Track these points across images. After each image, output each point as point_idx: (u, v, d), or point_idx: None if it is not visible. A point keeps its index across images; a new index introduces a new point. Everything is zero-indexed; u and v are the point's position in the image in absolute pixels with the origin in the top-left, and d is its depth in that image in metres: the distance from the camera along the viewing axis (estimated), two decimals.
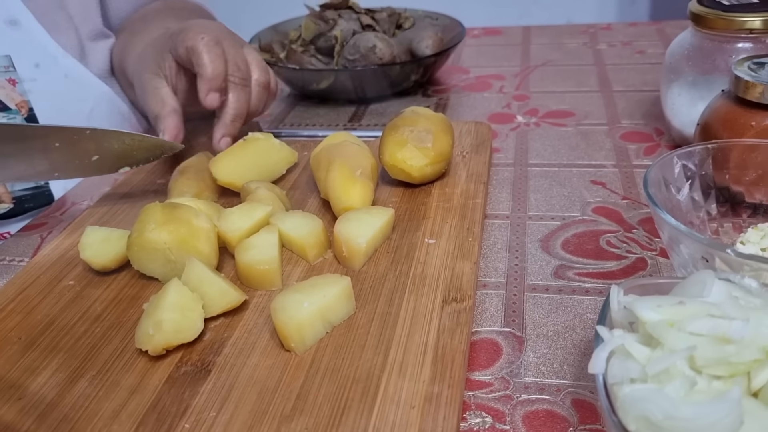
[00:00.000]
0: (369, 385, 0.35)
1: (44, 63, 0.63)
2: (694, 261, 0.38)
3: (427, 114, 0.55)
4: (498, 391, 0.38)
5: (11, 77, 0.61)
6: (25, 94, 0.63)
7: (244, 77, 0.57)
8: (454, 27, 0.83)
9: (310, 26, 0.80)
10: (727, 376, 0.29)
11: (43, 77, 0.63)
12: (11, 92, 0.62)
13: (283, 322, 0.38)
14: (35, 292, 0.46)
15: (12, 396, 0.38)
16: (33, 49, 0.63)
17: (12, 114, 0.62)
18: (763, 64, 0.50)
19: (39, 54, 0.63)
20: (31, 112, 0.63)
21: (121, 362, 0.39)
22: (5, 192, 0.63)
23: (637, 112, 0.70)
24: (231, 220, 0.47)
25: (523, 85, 0.80)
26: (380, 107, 0.77)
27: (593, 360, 0.30)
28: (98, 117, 0.68)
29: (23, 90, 0.62)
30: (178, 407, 0.36)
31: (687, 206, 0.45)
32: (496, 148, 0.65)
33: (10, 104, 0.62)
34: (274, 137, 0.57)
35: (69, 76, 0.66)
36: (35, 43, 0.63)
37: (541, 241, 0.51)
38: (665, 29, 0.95)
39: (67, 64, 0.65)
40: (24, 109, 0.62)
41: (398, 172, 0.53)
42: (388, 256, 0.46)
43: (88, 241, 0.48)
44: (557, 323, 0.42)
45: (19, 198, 0.64)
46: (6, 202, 0.64)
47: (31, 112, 0.63)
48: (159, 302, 0.40)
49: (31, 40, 0.63)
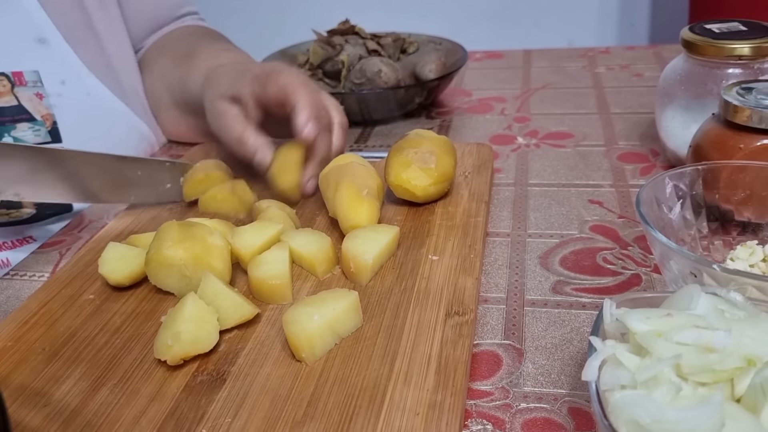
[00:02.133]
0: (376, 394, 0.37)
1: (69, 80, 0.68)
2: (684, 276, 0.40)
3: (430, 136, 0.57)
4: (498, 400, 0.40)
5: (39, 91, 0.66)
6: (50, 107, 0.67)
7: (328, 121, 0.59)
8: (456, 51, 0.86)
9: (318, 51, 0.83)
10: (711, 383, 0.31)
11: (68, 93, 0.67)
12: (38, 105, 0.66)
13: (294, 333, 0.40)
14: (57, 306, 0.49)
15: (38, 403, 0.40)
16: (60, 66, 0.67)
17: (37, 125, 0.66)
18: (750, 89, 0.52)
19: (65, 71, 0.67)
20: (54, 125, 0.67)
21: (140, 372, 0.42)
22: None
23: (633, 133, 0.73)
24: (244, 237, 0.50)
25: (524, 108, 0.83)
26: (385, 129, 0.80)
27: (586, 368, 0.32)
28: (116, 134, 0.72)
29: (49, 104, 0.67)
30: (195, 414, 0.38)
31: (679, 224, 0.48)
32: (498, 168, 0.68)
33: (37, 116, 0.66)
34: None
35: (91, 94, 0.70)
36: (62, 61, 0.67)
37: (541, 257, 0.53)
38: (662, 53, 0.97)
39: (90, 83, 0.69)
40: (48, 122, 0.67)
41: (403, 191, 0.55)
42: (394, 271, 0.48)
43: (108, 256, 0.50)
44: (555, 336, 0.44)
45: (40, 204, 0.68)
46: (29, 208, 0.68)
47: (54, 125, 0.67)
48: (177, 315, 0.42)
49: (58, 58, 0.67)
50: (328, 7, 1.67)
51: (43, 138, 0.66)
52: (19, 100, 0.64)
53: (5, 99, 0.64)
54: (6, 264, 0.68)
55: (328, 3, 2.16)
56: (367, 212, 0.52)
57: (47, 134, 0.67)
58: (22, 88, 0.65)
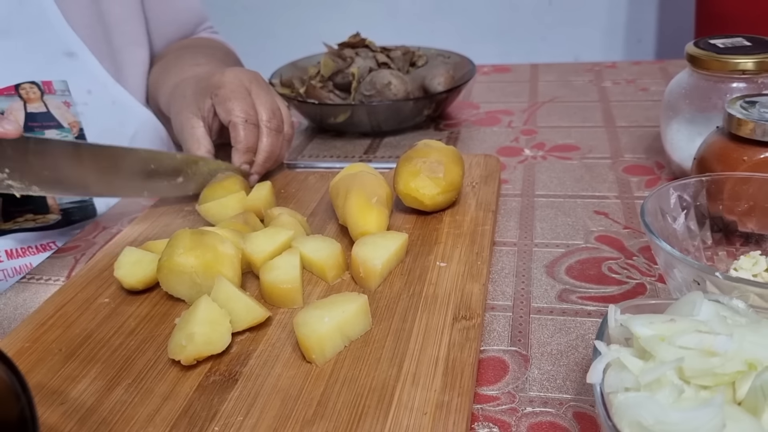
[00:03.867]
0: (384, 394, 0.38)
1: (95, 90, 0.71)
2: (687, 284, 0.41)
3: (438, 146, 0.58)
4: (504, 404, 0.41)
5: (66, 100, 0.69)
6: (77, 115, 0.69)
7: (278, 124, 0.65)
8: (465, 65, 0.87)
9: (329, 63, 0.84)
10: (713, 386, 0.31)
11: (94, 102, 0.70)
12: (66, 113, 0.69)
13: (305, 335, 0.41)
14: (73, 309, 0.50)
15: (55, 401, 0.41)
16: (86, 77, 0.70)
17: (64, 132, 0.69)
18: (754, 103, 0.53)
19: (91, 82, 0.70)
20: (81, 132, 0.70)
21: (154, 372, 0.43)
22: (54, 204, 0.70)
23: (639, 146, 0.74)
24: (256, 243, 0.51)
25: (531, 120, 0.84)
26: (394, 140, 0.81)
27: (591, 371, 0.33)
28: (140, 140, 0.75)
29: (76, 112, 0.69)
30: (208, 412, 0.39)
31: (683, 234, 0.48)
32: (505, 179, 0.69)
33: (64, 123, 0.69)
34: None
35: (116, 102, 0.73)
36: (88, 72, 0.70)
37: (547, 266, 0.54)
38: (668, 68, 0.99)
39: (115, 92, 0.73)
40: (75, 129, 0.69)
41: (411, 200, 0.57)
42: (402, 277, 0.49)
43: (124, 260, 0.51)
44: (561, 343, 0.45)
45: (65, 210, 0.70)
46: (55, 214, 0.70)
47: (81, 132, 0.70)
48: (191, 316, 0.43)
49: (85, 69, 0.70)
50: (338, 22, 1.70)
51: None
52: (47, 107, 0.67)
53: (35, 105, 0.67)
54: (28, 268, 0.70)
55: (338, 17, 2.20)
56: (376, 220, 0.53)
57: (74, 140, 0.69)
58: (51, 96, 0.68)
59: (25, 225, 0.69)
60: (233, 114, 0.62)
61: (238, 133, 0.62)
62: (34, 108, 0.67)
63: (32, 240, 0.70)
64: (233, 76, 0.65)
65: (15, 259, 0.69)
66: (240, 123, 0.62)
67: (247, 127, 0.63)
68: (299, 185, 0.67)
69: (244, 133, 0.62)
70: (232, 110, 0.62)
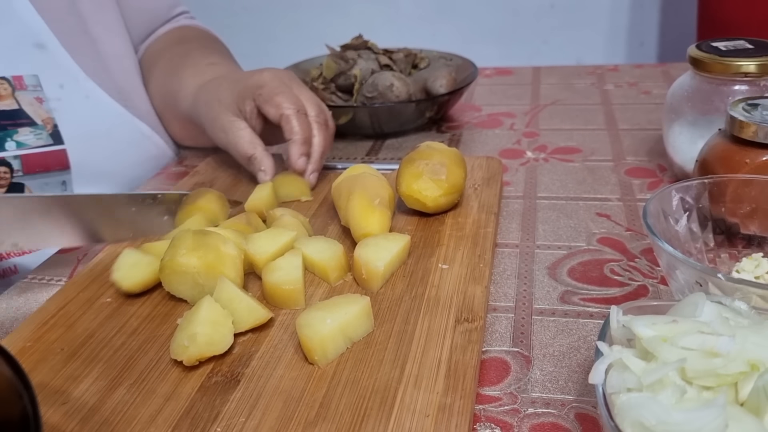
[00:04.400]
0: (387, 396, 0.38)
1: (68, 84, 0.69)
2: (690, 286, 0.41)
3: (441, 148, 0.59)
4: (506, 405, 0.41)
5: (38, 96, 0.67)
6: (50, 111, 0.68)
7: (326, 118, 0.65)
8: (467, 67, 0.87)
9: (331, 65, 0.85)
10: (715, 386, 0.31)
11: (67, 97, 0.69)
12: (38, 109, 0.67)
13: (307, 336, 0.41)
14: (75, 308, 0.50)
15: (57, 400, 0.41)
16: (58, 70, 0.68)
17: (38, 129, 0.67)
18: (756, 105, 0.53)
19: (63, 75, 0.69)
20: (55, 129, 0.68)
21: (156, 372, 0.43)
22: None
23: (641, 149, 0.74)
24: (258, 243, 0.51)
25: (533, 123, 0.84)
26: (396, 142, 0.81)
27: (593, 371, 0.33)
28: (116, 135, 0.73)
29: (49, 107, 0.68)
30: (210, 413, 0.39)
31: (685, 237, 0.48)
32: (507, 181, 0.69)
33: (37, 120, 0.67)
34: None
35: (90, 97, 0.71)
36: (60, 65, 0.68)
37: (549, 268, 0.54)
38: (670, 71, 0.99)
39: (88, 87, 0.71)
40: (49, 125, 0.67)
41: (414, 201, 0.57)
42: (404, 279, 0.49)
43: (122, 263, 0.51)
44: (563, 344, 0.45)
45: None
46: None
47: (55, 128, 0.68)
48: (193, 317, 0.43)
49: (56, 62, 0.68)
50: (340, 24, 1.70)
51: (45, 141, 0.67)
52: (19, 104, 0.66)
53: (6, 102, 0.65)
54: (14, 271, 0.69)
55: (340, 20, 2.20)
56: (378, 221, 0.53)
57: (49, 137, 0.67)
58: (23, 92, 0.66)
59: None
60: (283, 107, 0.62)
61: (293, 124, 0.62)
62: (5, 105, 0.65)
63: None
64: (273, 75, 0.65)
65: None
66: (293, 114, 0.62)
67: (300, 117, 0.62)
68: None
69: (298, 123, 0.62)
70: (281, 104, 0.62)
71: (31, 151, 0.66)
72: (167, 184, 0.75)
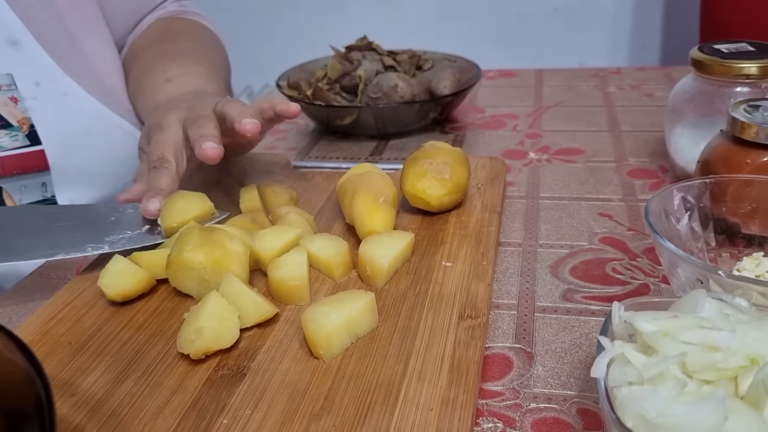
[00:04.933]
0: (391, 390, 0.39)
1: (44, 82, 0.66)
2: (691, 283, 0.41)
3: (445, 148, 0.59)
4: (509, 400, 0.41)
5: (13, 95, 0.64)
6: (26, 111, 0.65)
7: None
8: (470, 69, 0.88)
9: (336, 66, 0.85)
10: (716, 380, 0.32)
11: (44, 95, 0.66)
12: (13, 109, 0.64)
13: (312, 331, 0.42)
14: (82, 303, 0.50)
15: (65, 392, 0.41)
16: (33, 68, 0.66)
17: (14, 131, 0.64)
18: (758, 107, 0.54)
19: (39, 73, 0.66)
20: (32, 129, 0.65)
21: (163, 365, 0.43)
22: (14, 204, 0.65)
23: (643, 150, 0.74)
24: (264, 240, 0.51)
25: (536, 124, 0.85)
26: (400, 143, 0.82)
27: (595, 365, 0.34)
28: (96, 133, 0.71)
29: (24, 107, 0.65)
30: (216, 405, 0.39)
31: (687, 236, 0.49)
32: (510, 182, 0.69)
33: (12, 121, 0.64)
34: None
35: (68, 94, 0.68)
36: (35, 62, 0.66)
37: (551, 267, 0.54)
38: (672, 74, 0.99)
39: (66, 84, 0.68)
40: (25, 126, 0.65)
41: (418, 200, 0.57)
42: (408, 276, 0.50)
43: (110, 269, 0.50)
44: (565, 341, 0.46)
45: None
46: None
47: (32, 128, 0.65)
48: (200, 311, 0.44)
49: (31, 59, 0.66)
50: (344, 25, 1.71)
51: (21, 142, 0.65)
52: None
53: None
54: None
55: (345, 22, 2.20)
56: (383, 219, 0.53)
57: (25, 138, 0.65)
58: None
59: None
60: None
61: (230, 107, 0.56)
62: None
63: None
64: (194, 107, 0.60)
65: None
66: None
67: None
68: (306, 185, 0.67)
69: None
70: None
71: (6, 153, 0.64)
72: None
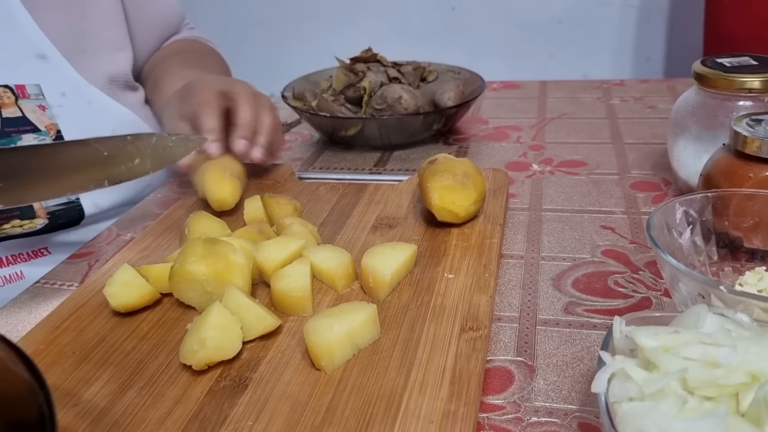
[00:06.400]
0: (392, 402, 0.39)
1: (69, 92, 0.71)
2: (692, 298, 0.41)
3: (458, 160, 0.59)
4: (510, 414, 0.41)
5: (41, 104, 0.69)
6: (53, 117, 0.69)
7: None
8: (474, 80, 0.89)
9: (341, 77, 0.86)
10: (716, 396, 0.32)
11: (69, 104, 0.70)
12: (41, 116, 0.69)
13: (314, 342, 0.42)
14: (87, 313, 0.51)
15: (68, 402, 0.42)
16: (59, 80, 0.70)
17: (42, 135, 0.68)
18: (760, 121, 0.54)
19: (65, 84, 0.70)
20: (59, 134, 0.69)
21: (166, 376, 0.43)
22: (40, 208, 0.69)
23: (646, 163, 0.75)
24: (268, 251, 0.52)
25: (539, 136, 0.85)
26: (404, 154, 0.82)
27: (596, 381, 0.34)
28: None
29: (51, 114, 0.69)
30: (218, 416, 0.39)
31: (689, 249, 0.49)
32: (513, 193, 0.70)
33: (41, 126, 0.68)
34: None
35: (92, 103, 0.73)
36: (61, 75, 0.70)
37: (553, 279, 0.54)
38: (675, 86, 0.99)
39: (90, 93, 0.73)
40: (53, 131, 0.69)
41: (446, 213, 0.57)
42: (411, 288, 0.50)
43: (116, 279, 0.51)
44: (566, 354, 0.46)
45: (52, 213, 0.70)
46: (42, 218, 0.70)
47: (59, 133, 0.69)
48: (203, 322, 0.44)
49: (57, 72, 0.70)
50: (350, 37, 1.72)
51: None
52: (23, 111, 0.67)
53: (10, 110, 0.67)
54: (20, 276, 0.70)
55: (350, 32, 2.22)
56: (230, 189, 0.62)
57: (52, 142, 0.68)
58: (25, 100, 0.68)
59: (12, 232, 0.68)
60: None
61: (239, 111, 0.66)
62: (9, 113, 0.67)
63: (22, 247, 0.70)
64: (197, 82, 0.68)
65: (6, 267, 0.69)
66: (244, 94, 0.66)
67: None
68: (310, 196, 0.68)
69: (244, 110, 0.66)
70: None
71: None
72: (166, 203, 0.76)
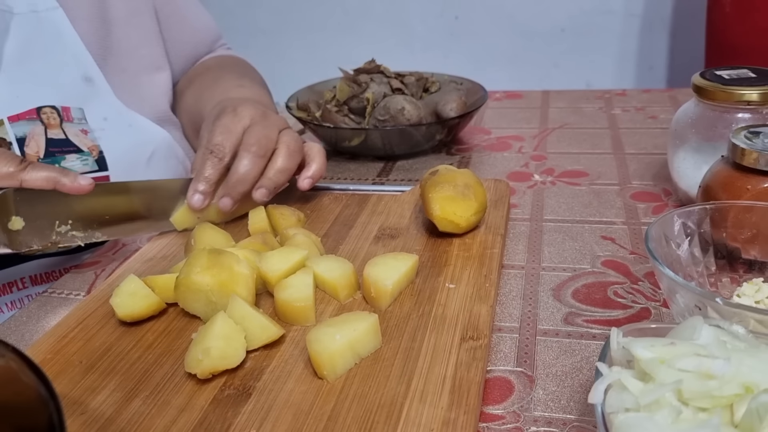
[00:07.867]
0: (393, 410, 0.40)
1: (111, 116, 0.72)
2: (689, 309, 0.42)
3: (459, 171, 0.60)
4: (510, 423, 0.42)
5: (83, 128, 0.70)
6: (95, 140, 0.71)
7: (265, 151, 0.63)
8: (477, 91, 0.89)
9: (344, 88, 0.87)
10: (711, 408, 0.32)
11: (110, 127, 0.72)
12: (84, 139, 0.70)
13: (317, 352, 0.42)
14: (93, 322, 0.52)
15: (75, 411, 0.42)
16: (102, 104, 0.72)
17: (84, 155, 0.70)
18: (758, 134, 0.55)
19: (106, 109, 0.72)
20: (101, 155, 0.71)
21: (171, 384, 0.44)
22: None
23: (647, 173, 0.75)
24: (271, 262, 0.52)
25: (541, 146, 0.86)
26: (407, 164, 0.83)
27: (593, 391, 0.34)
28: (157, 159, 0.77)
29: (93, 137, 0.71)
30: (222, 424, 0.40)
31: (687, 261, 0.50)
32: (514, 204, 0.70)
33: (83, 147, 0.70)
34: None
35: (132, 125, 0.74)
36: (104, 99, 0.72)
37: (553, 290, 0.55)
38: (677, 96, 1.00)
39: (130, 117, 0.74)
40: (95, 152, 0.71)
41: (447, 224, 0.58)
42: (412, 298, 0.51)
43: (123, 288, 0.51)
44: (566, 364, 0.46)
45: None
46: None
47: (101, 154, 0.71)
48: (207, 331, 0.45)
49: (100, 96, 0.72)
50: (353, 48, 1.74)
51: (91, 167, 0.70)
52: (66, 134, 0.69)
53: (55, 131, 0.69)
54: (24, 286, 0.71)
55: (354, 43, 2.23)
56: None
57: (94, 163, 0.70)
58: (69, 123, 0.69)
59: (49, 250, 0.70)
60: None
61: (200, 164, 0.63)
62: (54, 134, 0.68)
63: (56, 264, 0.71)
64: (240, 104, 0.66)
65: (39, 285, 0.71)
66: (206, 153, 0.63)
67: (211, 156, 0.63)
68: (313, 206, 0.68)
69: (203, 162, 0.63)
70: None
71: None
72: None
